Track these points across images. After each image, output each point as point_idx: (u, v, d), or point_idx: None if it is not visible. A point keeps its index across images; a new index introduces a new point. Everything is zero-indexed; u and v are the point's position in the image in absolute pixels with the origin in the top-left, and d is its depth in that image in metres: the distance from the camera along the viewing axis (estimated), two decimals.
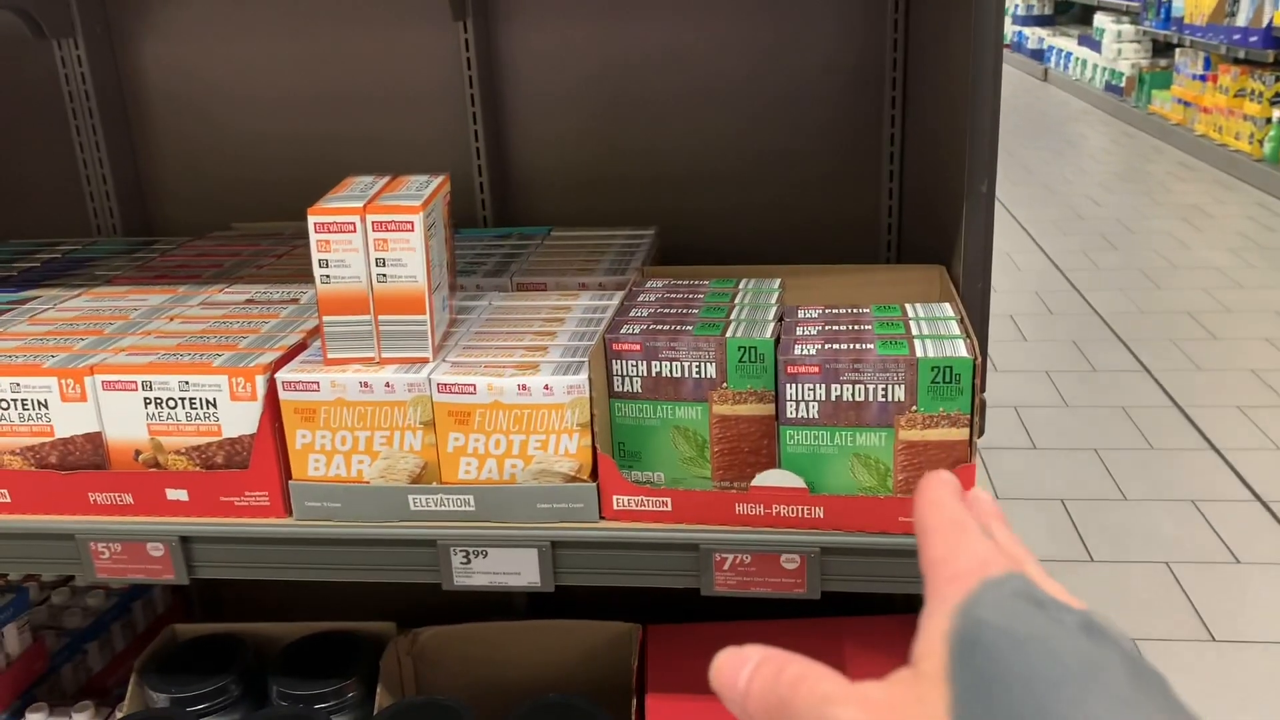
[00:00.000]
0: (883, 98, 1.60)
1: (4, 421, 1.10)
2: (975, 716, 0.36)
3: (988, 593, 0.39)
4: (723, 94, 1.64)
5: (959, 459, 1.00)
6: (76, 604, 1.72)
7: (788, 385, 1.01)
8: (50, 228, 1.77)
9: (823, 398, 1.00)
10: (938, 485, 0.44)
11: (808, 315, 1.11)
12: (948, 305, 1.13)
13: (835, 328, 1.07)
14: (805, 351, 1.01)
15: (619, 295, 1.26)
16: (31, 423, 1.10)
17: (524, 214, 1.73)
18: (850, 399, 1.00)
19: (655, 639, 1.40)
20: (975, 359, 0.98)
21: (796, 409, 1.01)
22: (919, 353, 0.99)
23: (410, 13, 1.64)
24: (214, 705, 1.33)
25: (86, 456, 1.11)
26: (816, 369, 1.00)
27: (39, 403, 1.09)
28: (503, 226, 1.69)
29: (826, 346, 1.02)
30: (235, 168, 1.76)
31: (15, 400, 1.09)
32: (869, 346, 1.01)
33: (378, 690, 1.34)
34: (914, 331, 1.05)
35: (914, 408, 0.99)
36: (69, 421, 1.09)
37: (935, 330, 1.05)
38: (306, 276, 1.36)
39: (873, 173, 1.64)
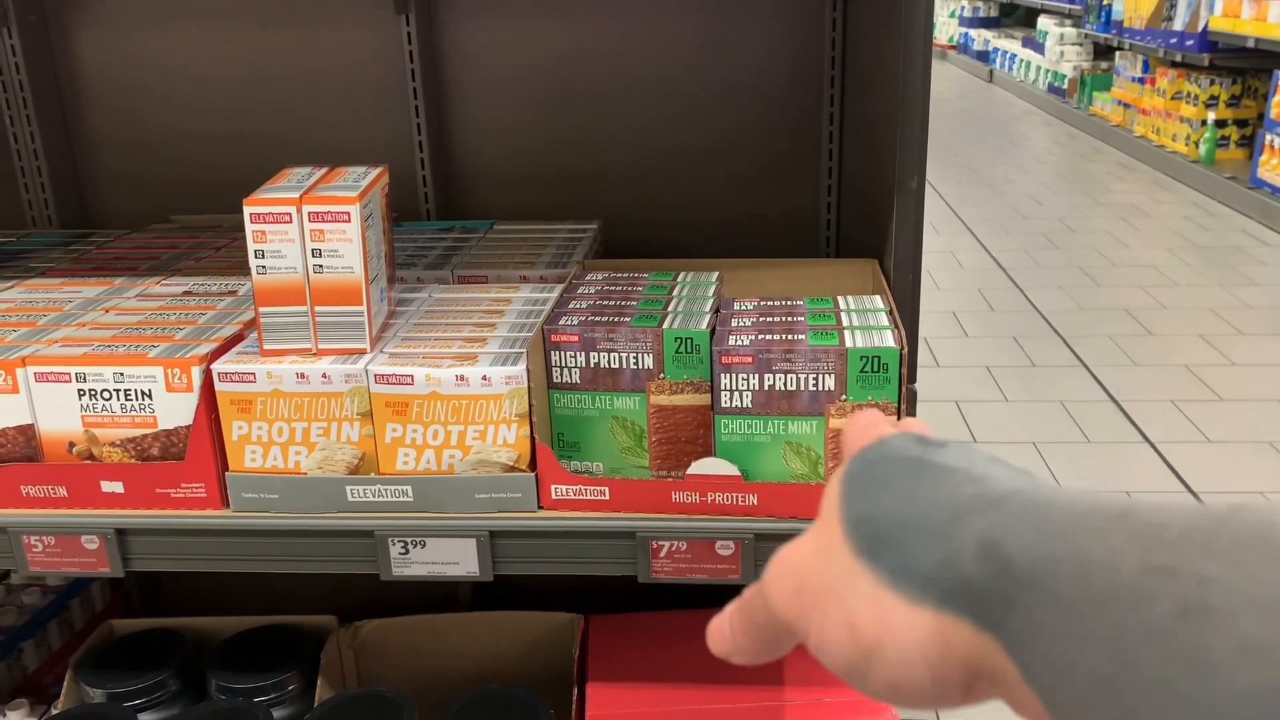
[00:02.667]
0: (822, 94, 1.63)
1: None
2: (864, 530, 0.39)
3: (877, 443, 0.43)
4: (665, 88, 1.66)
5: None
6: (11, 602, 1.70)
7: (722, 375, 1.03)
8: None
9: (756, 387, 1.02)
10: (865, 410, 0.49)
11: (743, 307, 1.13)
12: (878, 297, 1.16)
13: (769, 319, 1.09)
14: (739, 342, 1.03)
15: (558, 288, 1.27)
16: None
17: (467, 208, 1.73)
18: (782, 389, 1.02)
19: (596, 629, 1.41)
20: (902, 349, 1.01)
21: (731, 398, 1.03)
22: (848, 343, 1.01)
23: (352, 4, 1.64)
24: (151, 700, 1.32)
25: (18, 449, 1.09)
26: (750, 359, 1.02)
27: None
28: (445, 220, 1.69)
29: (760, 337, 1.04)
30: (174, 160, 1.75)
31: None
32: (800, 337, 1.03)
33: (318, 683, 1.34)
34: (844, 323, 1.07)
35: (844, 397, 1.02)
36: (1, 413, 1.08)
37: (865, 321, 1.08)
38: (245, 269, 1.35)
39: (812, 168, 1.66)
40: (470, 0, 1.64)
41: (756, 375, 1.02)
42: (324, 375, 1.06)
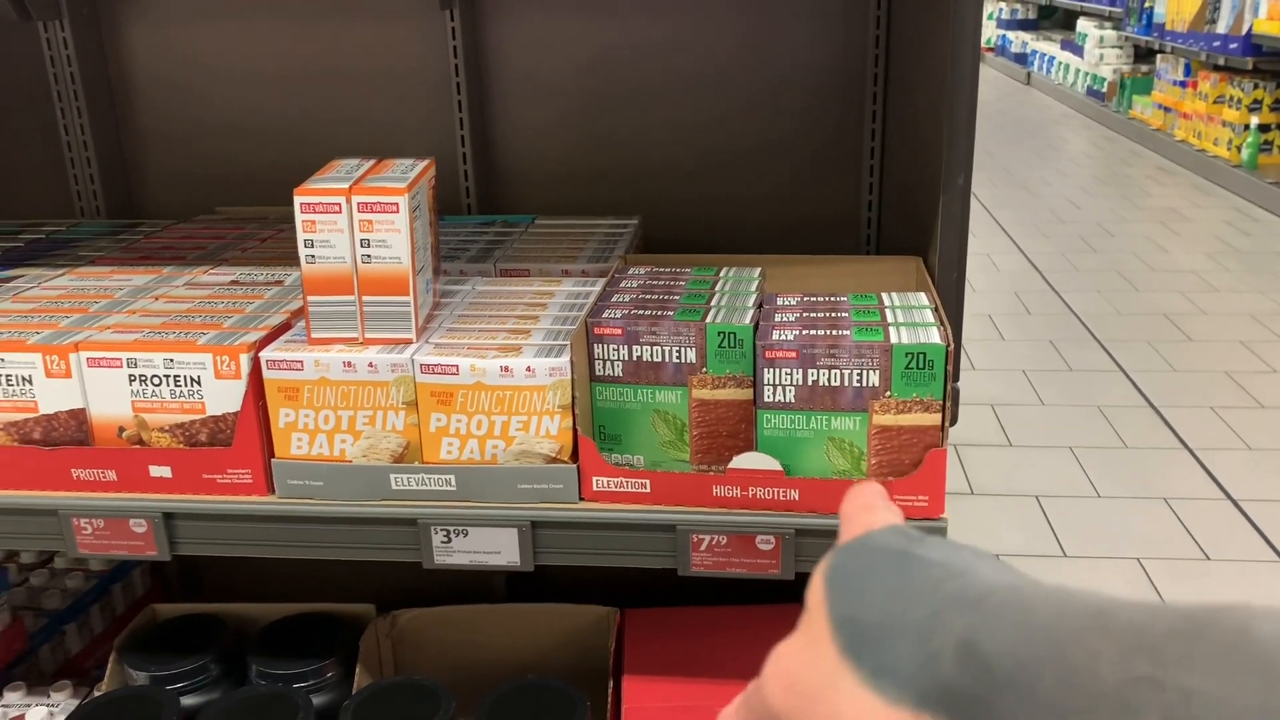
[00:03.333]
0: (864, 92, 1.62)
1: None
2: (848, 630, 0.39)
3: (861, 538, 0.42)
4: (707, 85, 1.66)
5: (931, 444, 1.02)
6: (55, 585, 1.73)
7: (765, 370, 1.03)
8: (34, 209, 1.77)
9: (799, 382, 1.02)
10: (864, 484, 0.49)
11: (786, 303, 1.13)
12: (923, 294, 1.15)
13: (813, 314, 1.09)
14: (783, 337, 1.03)
15: (600, 282, 1.28)
16: (15, 399, 1.10)
17: (507, 202, 1.74)
18: (826, 384, 1.02)
19: (633, 622, 1.42)
20: (948, 346, 1.00)
21: (774, 393, 1.03)
22: (894, 339, 1.01)
23: (402, 4, 1.65)
24: (193, 684, 1.33)
25: (70, 433, 1.11)
26: (794, 354, 1.02)
27: (23, 378, 1.09)
28: (486, 214, 1.70)
29: (804, 332, 1.04)
30: (219, 152, 1.77)
31: (1, 376, 1.10)
32: (845, 333, 1.03)
33: (357, 670, 1.35)
34: (889, 319, 1.07)
35: (888, 393, 1.01)
36: (53, 398, 1.10)
37: (910, 318, 1.07)
38: (291, 259, 1.37)
39: (853, 166, 1.66)
40: None
41: (800, 370, 1.02)
42: (370, 364, 1.07)
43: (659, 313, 1.10)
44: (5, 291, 1.27)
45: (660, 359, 1.08)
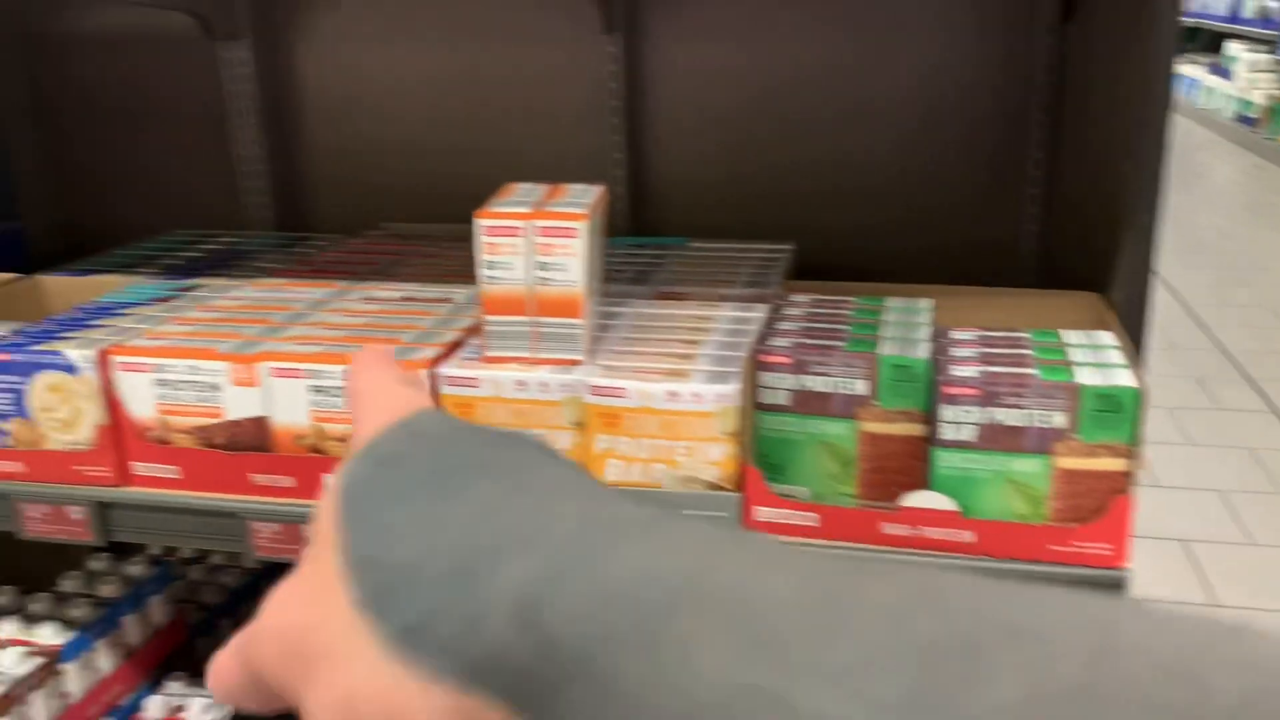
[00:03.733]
0: (1029, 120, 1.58)
1: (178, 401, 1.16)
2: (369, 574, 0.29)
3: (392, 431, 0.32)
4: (864, 111, 1.64)
5: (1117, 489, 0.98)
6: (213, 580, 1.80)
7: (944, 407, 1.00)
8: (207, 220, 1.85)
9: (980, 421, 0.99)
10: (373, 350, 0.40)
11: (963, 337, 1.10)
12: (1107, 334, 1.11)
13: (992, 350, 1.06)
14: (964, 373, 1.00)
15: (762, 308, 1.27)
16: (204, 404, 1.15)
17: (659, 224, 1.75)
18: (1008, 424, 0.99)
19: None
20: (1140, 389, 0.96)
21: (952, 431, 1.01)
22: (1082, 380, 0.97)
23: (562, 25, 1.68)
24: None
25: (252, 439, 1.16)
26: (976, 391, 0.99)
27: (211, 385, 1.14)
28: (638, 235, 1.71)
29: (986, 369, 1.01)
30: (383, 169, 1.83)
31: (190, 382, 1.15)
32: (1030, 371, 1.00)
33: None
34: (1075, 359, 1.03)
35: (1074, 436, 0.98)
36: (238, 405, 1.15)
37: (1097, 359, 1.03)
38: (458, 277, 1.40)
39: (1015, 195, 1.61)
40: (676, 22, 1.66)
41: (981, 408, 0.99)
42: (542, 384, 1.09)
43: (828, 343, 1.09)
44: (191, 300, 1.34)
45: (829, 390, 1.07)
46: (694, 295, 1.35)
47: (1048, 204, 1.59)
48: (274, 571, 1.45)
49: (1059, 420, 0.97)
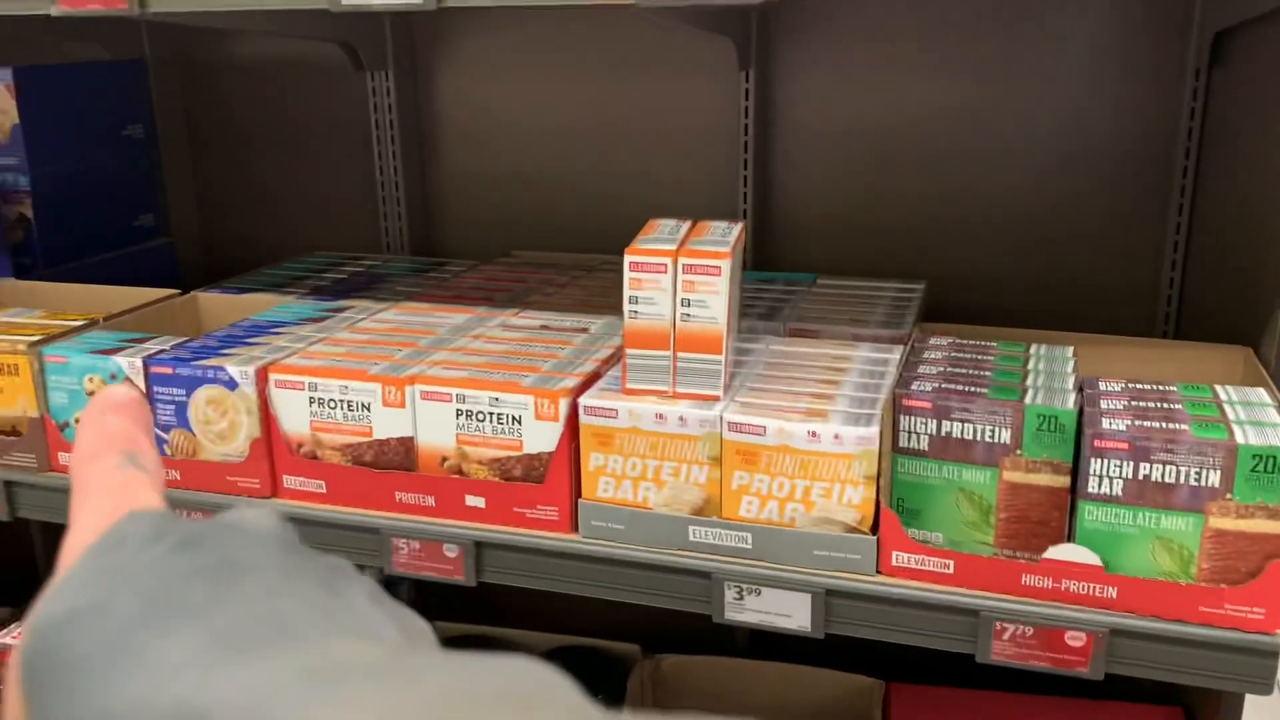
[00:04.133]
0: (1173, 166, 1.54)
1: (330, 419, 1.21)
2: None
3: (81, 561, 0.29)
4: (998, 152, 1.63)
5: (1273, 553, 0.96)
6: None
7: (1092, 459, 0.99)
8: (347, 242, 1.93)
9: (1129, 476, 0.98)
10: (112, 393, 0.36)
11: (1110, 388, 1.09)
12: (1262, 390, 1.08)
13: (1142, 404, 1.04)
14: (1114, 426, 0.99)
15: (898, 349, 1.27)
16: (354, 423, 1.20)
17: (784, 258, 1.76)
18: (1159, 479, 0.97)
19: (898, 698, 1.38)
20: None
21: (1099, 484, 0.99)
22: (1239, 438, 0.95)
23: (699, 62, 1.71)
24: None
25: (398, 458, 1.20)
26: (1125, 445, 0.97)
27: (363, 405, 1.19)
28: (763, 269, 1.73)
29: (1136, 423, 0.99)
30: (514, 198, 1.88)
31: (343, 401, 1.20)
32: (1183, 427, 0.98)
33: (624, 712, 1.38)
34: (1230, 415, 1.01)
35: (1228, 495, 0.95)
36: (387, 424, 1.19)
37: (1253, 416, 1.01)
38: (591, 306, 1.44)
39: (1154, 242, 1.58)
40: (810, 60, 1.67)
41: (1131, 463, 0.97)
42: (680, 418, 1.11)
43: (971, 389, 1.08)
44: (341, 321, 1.39)
45: (971, 437, 1.06)
46: (827, 333, 1.36)
47: (1189, 253, 1.55)
48: (392, 584, 1.48)
49: (1213, 479, 0.95)
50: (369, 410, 1.19)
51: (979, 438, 1.05)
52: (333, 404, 1.20)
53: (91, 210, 1.82)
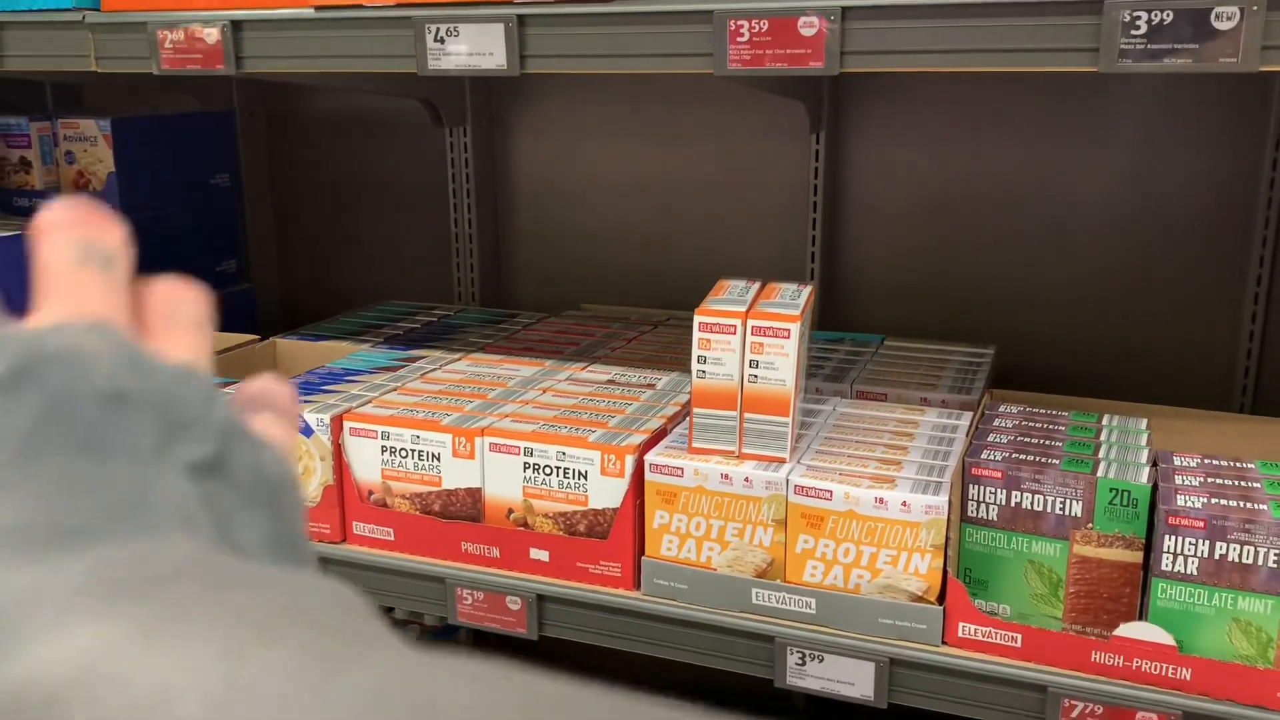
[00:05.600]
0: (1252, 234, 1.52)
1: (401, 468, 1.23)
2: None
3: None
4: (1068, 216, 1.62)
5: None
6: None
7: (1167, 536, 0.97)
8: (420, 292, 1.97)
9: (1205, 554, 0.96)
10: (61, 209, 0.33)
11: (1185, 464, 1.07)
12: None
13: (1219, 480, 1.02)
14: (1190, 503, 0.97)
15: (966, 415, 1.26)
16: (424, 472, 1.23)
17: (852, 318, 1.76)
18: (1236, 559, 0.95)
19: None
20: None
21: (1173, 562, 0.97)
22: None
23: (770, 123, 1.73)
24: None
25: (465, 509, 1.22)
26: (1201, 524, 0.96)
27: (433, 455, 1.21)
28: (830, 329, 1.73)
29: (1213, 501, 0.97)
30: (583, 253, 1.91)
31: (414, 450, 1.22)
32: (1261, 507, 0.96)
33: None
34: None
35: None
36: (456, 475, 1.21)
37: None
38: (658, 363, 1.45)
39: (1231, 312, 1.55)
40: (880, 122, 1.69)
41: (1207, 542, 0.96)
42: (746, 479, 1.11)
43: (1042, 459, 1.07)
44: (414, 371, 1.42)
45: (1042, 508, 1.05)
46: (895, 396, 1.35)
47: (1268, 324, 1.53)
48: (451, 631, 1.49)
49: None
50: (439, 460, 1.22)
51: (1050, 509, 1.04)
52: (404, 453, 1.23)
53: (177, 256, 1.89)
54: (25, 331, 0.28)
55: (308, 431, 1.26)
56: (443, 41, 1.11)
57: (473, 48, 1.10)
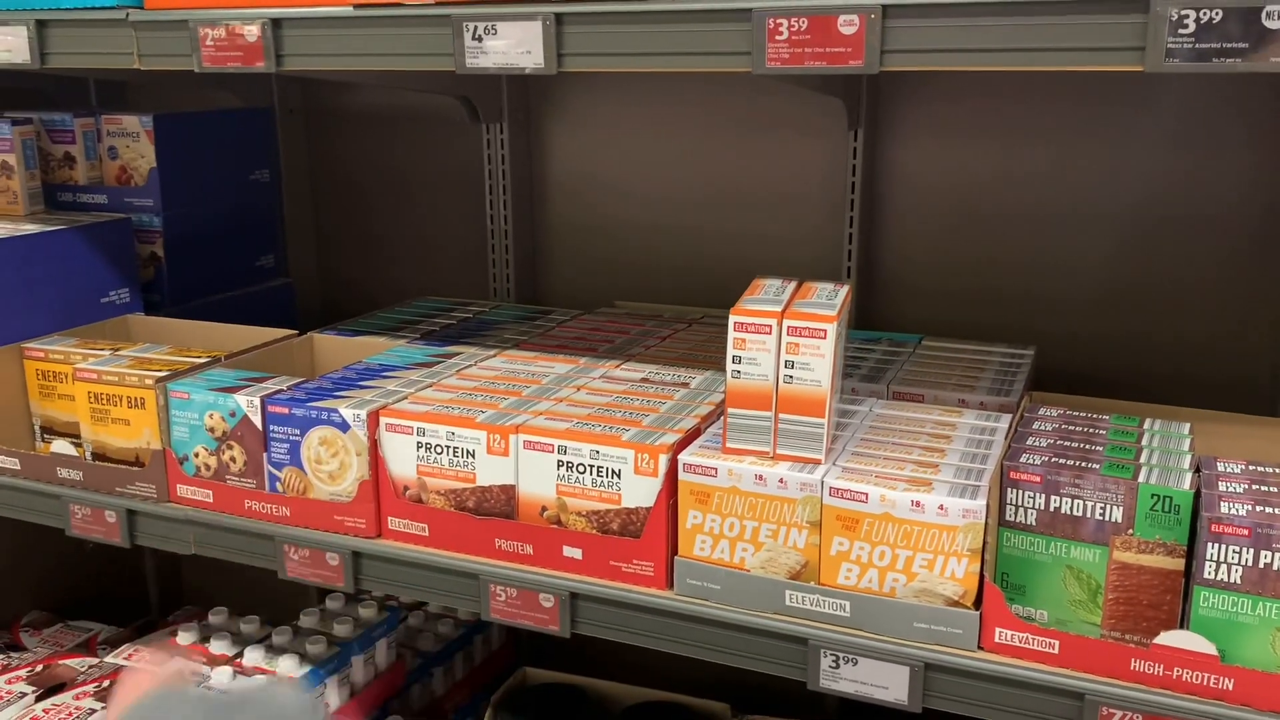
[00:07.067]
0: None
1: (436, 464, 1.24)
2: None
3: None
4: (1110, 217, 1.59)
5: None
6: (429, 629, 1.89)
7: (1209, 544, 0.95)
8: (454, 288, 1.98)
9: (1250, 563, 0.94)
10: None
11: (1229, 470, 1.05)
12: None
13: (1263, 488, 1.00)
14: (1233, 511, 0.95)
15: (1005, 417, 1.24)
16: (458, 469, 1.23)
17: (889, 318, 1.75)
18: None
19: None
20: None
21: (1216, 570, 0.96)
22: None
23: (808, 121, 1.72)
24: None
25: (499, 506, 1.22)
26: (1246, 532, 0.94)
27: (468, 452, 1.22)
28: (867, 329, 1.71)
29: (1258, 509, 0.95)
30: (617, 249, 1.91)
31: (449, 447, 1.23)
32: None
33: None
34: None
35: None
36: (490, 472, 1.22)
37: None
38: (692, 361, 1.45)
39: (1276, 315, 1.52)
40: (919, 121, 1.67)
41: (1252, 550, 0.94)
42: (780, 480, 1.10)
43: (1082, 463, 1.06)
44: (450, 367, 1.43)
45: (1081, 513, 1.03)
46: (932, 398, 1.34)
47: None
48: (485, 626, 1.51)
49: None
50: (474, 457, 1.22)
51: (1089, 515, 1.03)
52: (439, 449, 1.23)
53: (217, 250, 1.92)
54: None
55: (344, 427, 1.27)
56: (480, 40, 1.11)
57: (511, 46, 1.10)
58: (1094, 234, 1.61)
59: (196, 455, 1.37)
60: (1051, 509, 1.04)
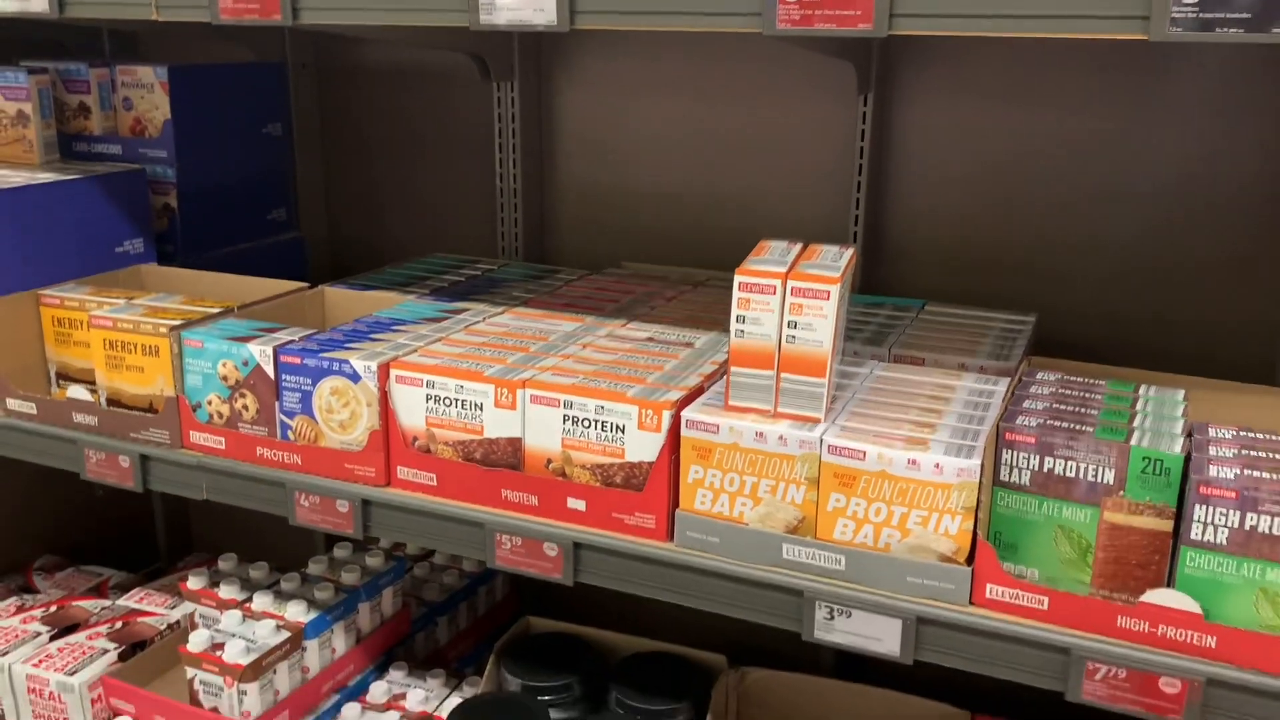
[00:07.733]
0: None
1: (445, 416, 1.27)
2: None
3: None
4: (1117, 187, 1.60)
5: None
6: (434, 580, 1.92)
7: (1197, 506, 0.98)
8: (463, 245, 2.00)
9: (1235, 525, 0.97)
10: None
11: (1220, 435, 1.07)
12: None
13: (1253, 453, 1.03)
14: (1221, 474, 0.98)
15: (1004, 381, 1.27)
16: (466, 421, 1.26)
17: (893, 282, 1.76)
18: (1266, 531, 0.96)
19: None
20: None
21: (1203, 531, 0.98)
22: None
23: (818, 84, 1.73)
24: (559, 699, 1.45)
25: (506, 458, 1.25)
26: (1233, 494, 0.96)
27: (476, 405, 1.25)
28: (871, 293, 1.73)
29: (1246, 472, 0.98)
30: (626, 211, 1.92)
31: (457, 400, 1.25)
32: None
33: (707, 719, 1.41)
34: None
35: None
36: (497, 425, 1.25)
37: None
38: (697, 322, 1.47)
39: (1275, 285, 1.54)
40: (930, 86, 1.68)
41: (1238, 512, 0.96)
42: (780, 437, 1.13)
43: (1076, 426, 1.08)
44: (458, 322, 1.45)
45: (1074, 475, 1.06)
46: (933, 361, 1.36)
47: None
48: (489, 577, 1.54)
49: None
50: (481, 410, 1.25)
51: (1082, 476, 1.05)
52: (448, 401, 1.26)
53: (229, 202, 1.93)
54: None
55: (355, 378, 1.29)
56: None
57: (523, 2, 1.11)
58: (1104, 206, 1.62)
59: (209, 403, 1.40)
60: (1045, 470, 1.07)
